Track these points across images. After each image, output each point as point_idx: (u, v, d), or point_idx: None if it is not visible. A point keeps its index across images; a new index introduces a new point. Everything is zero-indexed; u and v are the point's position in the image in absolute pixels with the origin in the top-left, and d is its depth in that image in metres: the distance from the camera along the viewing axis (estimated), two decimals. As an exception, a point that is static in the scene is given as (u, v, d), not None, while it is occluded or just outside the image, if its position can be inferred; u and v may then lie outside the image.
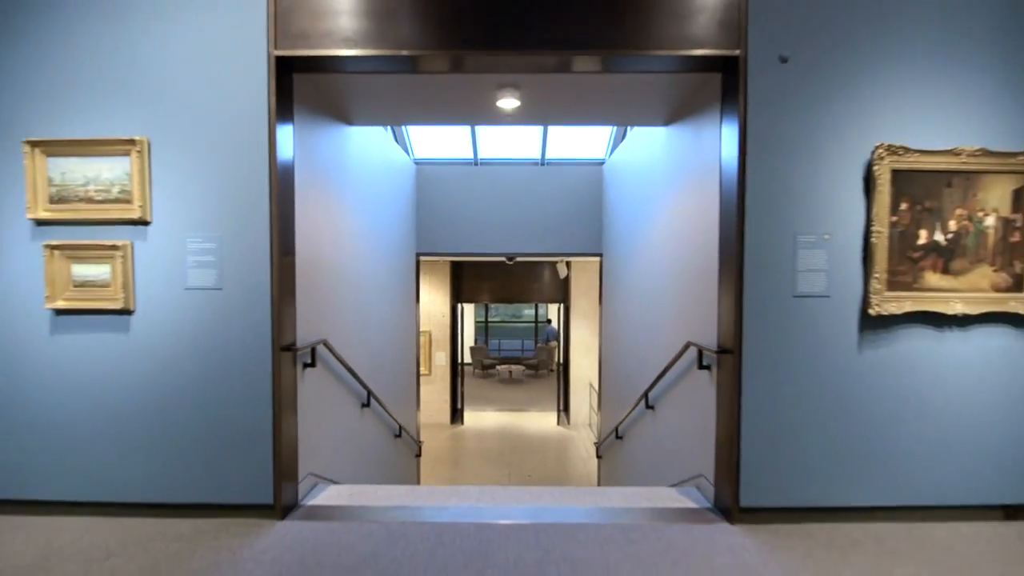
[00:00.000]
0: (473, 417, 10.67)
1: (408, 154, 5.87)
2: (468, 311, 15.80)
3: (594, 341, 8.62)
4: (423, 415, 7.35)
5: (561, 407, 10.61)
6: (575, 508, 2.63)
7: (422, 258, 6.30)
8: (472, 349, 15.13)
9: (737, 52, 2.33)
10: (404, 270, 5.62)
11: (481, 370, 14.85)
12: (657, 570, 2.04)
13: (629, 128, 5.03)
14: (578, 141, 6.04)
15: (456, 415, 10.44)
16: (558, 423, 10.34)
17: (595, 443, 6.42)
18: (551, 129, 5.74)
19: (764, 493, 2.40)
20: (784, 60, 2.32)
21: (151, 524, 2.39)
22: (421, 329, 7.65)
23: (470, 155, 6.14)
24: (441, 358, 10.09)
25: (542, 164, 6.27)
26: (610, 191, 5.74)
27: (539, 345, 16.12)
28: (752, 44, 2.33)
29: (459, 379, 10.72)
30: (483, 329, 19.87)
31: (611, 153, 5.79)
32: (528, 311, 22.76)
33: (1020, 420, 2.42)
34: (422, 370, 9.14)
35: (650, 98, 3.22)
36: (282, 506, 2.46)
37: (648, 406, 3.82)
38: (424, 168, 6.10)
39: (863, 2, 2.33)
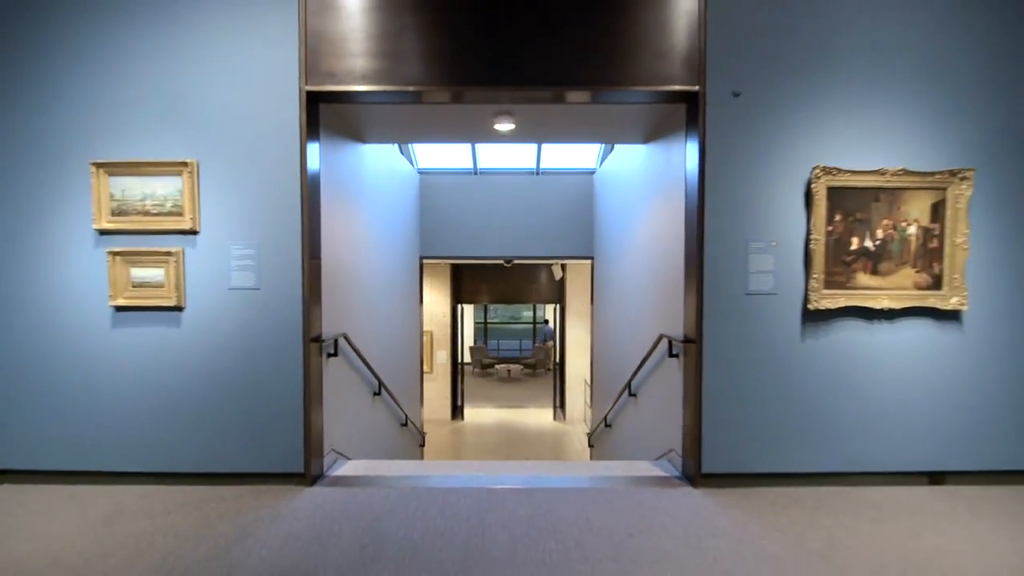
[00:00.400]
0: (473, 413, 11.08)
1: (412, 164, 6.29)
2: (467, 313, 16.20)
3: (588, 340, 9.03)
4: (425, 411, 7.76)
5: (557, 403, 11.02)
6: (563, 476, 3.04)
7: (425, 261, 6.71)
8: (472, 349, 15.54)
9: (697, 88, 2.76)
10: (409, 272, 6.03)
11: (480, 369, 15.25)
12: (628, 523, 2.46)
13: (617, 141, 5.45)
14: (570, 152, 6.47)
15: (456, 411, 10.84)
16: (554, 418, 10.75)
17: (587, 434, 6.83)
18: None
19: (722, 462, 2.82)
20: (736, 95, 2.74)
21: (200, 490, 2.80)
22: (423, 328, 8.05)
23: (470, 165, 6.56)
24: (442, 356, 10.50)
25: (537, 173, 6.69)
26: (600, 199, 6.17)
27: (537, 345, 16.53)
28: (709, 81, 2.75)
29: (459, 377, 11.12)
30: (482, 330, 20.27)
31: (601, 163, 6.21)
32: (527, 313, 23.15)
33: (941, 399, 2.83)
34: (424, 368, 9.54)
35: (630, 122, 3.64)
36: (311, 475, 2.87)
37: (631, 394, 4.24)
38: (427, 177, 6.52)
39: (804, 46, 2.76)
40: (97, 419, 2.85)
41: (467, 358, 14.10)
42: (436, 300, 10.58)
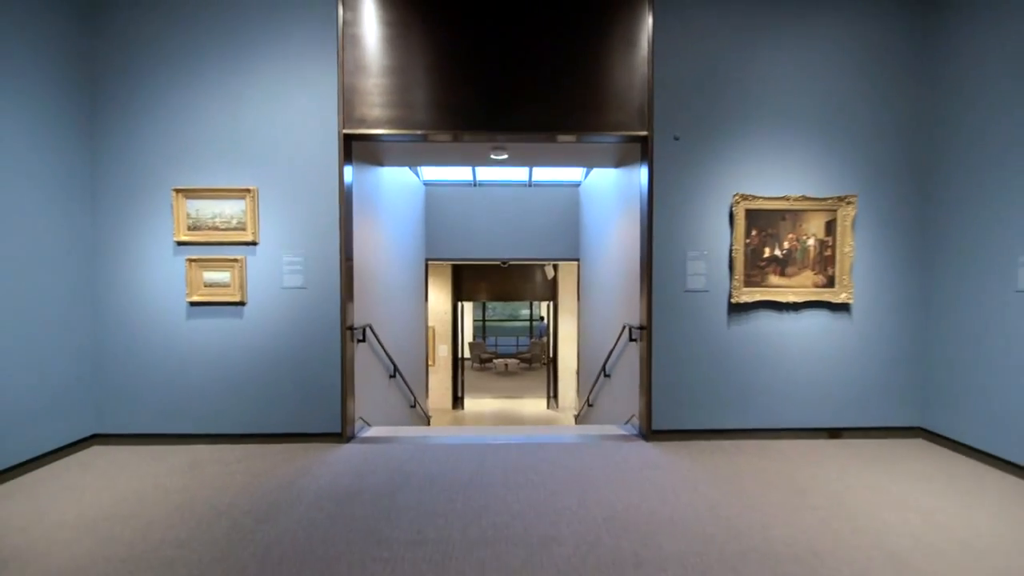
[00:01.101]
0: (472, 403, 11.88)
1: (418, 177, 7.07)
2: (467, 310, 16.99)
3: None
4: (428, 400, 8.55)
5: (551, 394, 11.84)
6: (547, 435, 3.84)
7: (429, 262, 7.50)
8: (471, 345, 16.33)
9: (646, 133, 3.56)
10: (416, 272, 6.82)
11: (479, 364, 16.05)
12: (592, 463, 3.26)
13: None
14: (559, 167, 7.26)
15: (457, 402, 11.64)
16: (547, 407, 11.57)
17: (574, 415, 7.64)
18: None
19: (667, 421, 3.63)
20: (676, 138, 3.55)
21: (260, 447, 3.59)
22: (428, 323, 8.84)
23: (470, 178, 7.35)
24: (444, 350, 11.29)
25: (530, 185, 7.49)
26: (584, 208, 6.97)
27: (532, 340, 17.33)
28: (656, 128, 3.55)
29: (460, 370, 11.92)
30: (481, 328, 21.07)
31: (585, 177, 7.01)
32: (524, 311, 23.96)
33: (836, 371, 3.65)
34: (427, 361, 10.33)
35: (602, 153, 4.45)
36: (347, 435, 3.66)
37: (606, 375, 5.05)
38: (431, 188, 7.31)
39: (727, 102, 3.56)
40: (174, 392, 3.63)
41: (467, 354, 14.88)
42: (438, 298, 11.37)
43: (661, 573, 2.05)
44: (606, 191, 5.42)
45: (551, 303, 12.25)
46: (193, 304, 3.63)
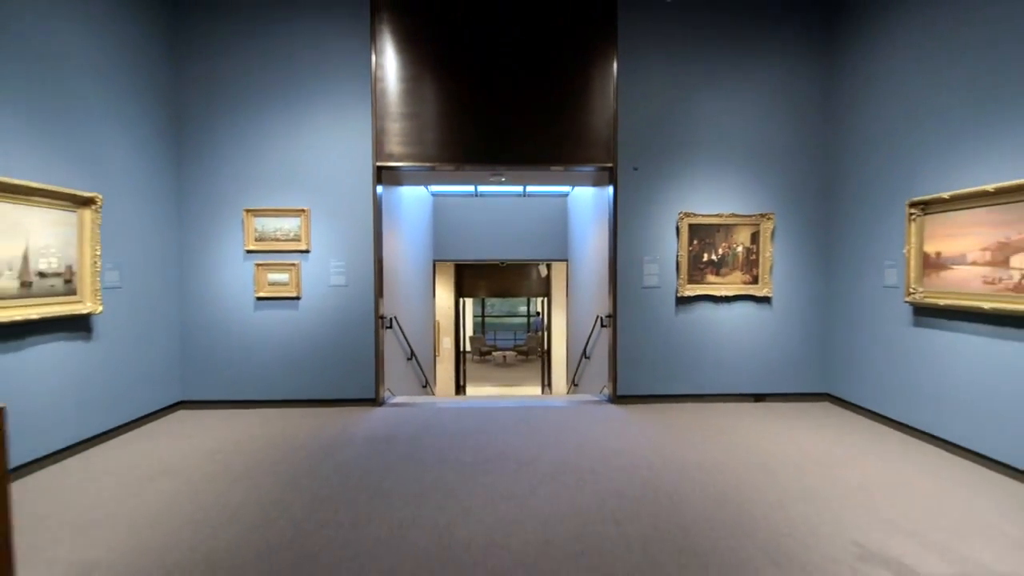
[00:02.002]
0: (473, 391, 12.93)
1: (427, 189, 8.09)
2: (468, 307, 17.99)
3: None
4: (435, 387, 9.57)
5: (545, 382, 12.89)
6: (535, 401, 4.88)
7: (436, 263, 8.52)
8: (471, 339, 17.35)
9: (611, 164, 4.59)
10: (425, 272, 7.85)
11: (479, 356, 17.09)
12: (570, 418, 4.29)
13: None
14: (548, 186, 8.27)
15: (459, 389, 12.68)
16: (541, 393, 12.62)
17: (564, 399, 8.70)
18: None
19: (629, 389, 4.67)
20: (635, 169, 4.58)
21: (312, 409, 4.61)
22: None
23: (472, 189, 8.36)
24: (447, 343, 12.32)
25: (524, 195, 8.51)
26: (571, 215, 8.00)
27: (529, 334, 18.37)
28: (619, 159, 4.58)
29: (462, 360, 12.96)
30: (481, 324, 22.08)
31: (572, 189, 8.04)
32: (522, 308, 24.96)
33: (760, 349, 4.68)
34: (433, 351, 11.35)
35: (584, 177, 5.46)
36: (378, 401, 4.69)
37: (586, 357, 6.09)
38: (438, 198, 8.33)
39: (675, 139, 4.59)
40: (244, 368, 4.65)
41: (468, 347, 15.92)
42: (442, 295, 12.38)
43: (609, 477, 3.09)
44: (586, 205, 6.45)
45: (545, 299, 13.29)
46: (259, 299, 4.65)
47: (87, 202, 3.38)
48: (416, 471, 3.18)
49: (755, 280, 4.65)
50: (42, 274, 3.06)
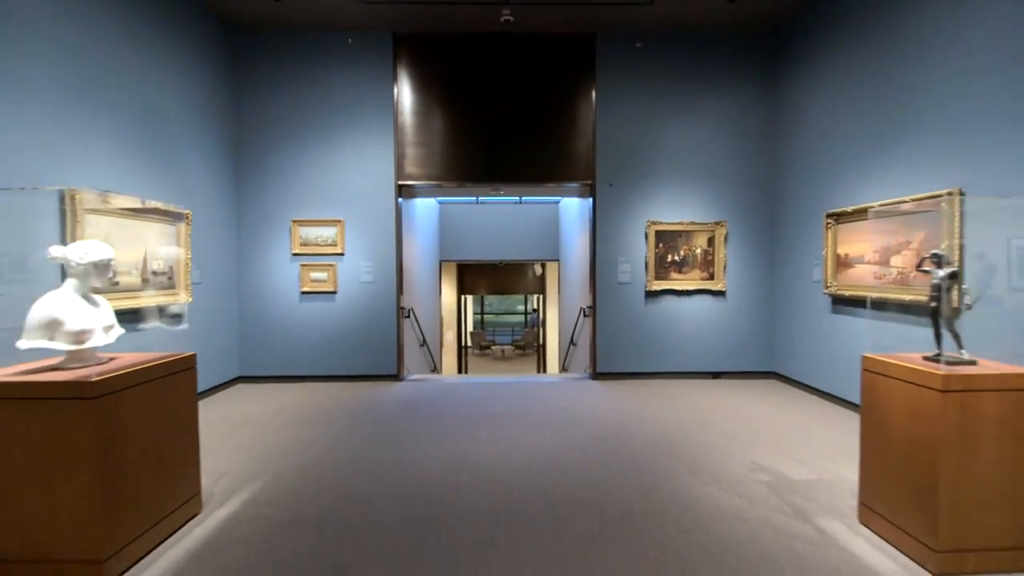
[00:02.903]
0: (474, 382, 13.91)
1: (435, 199, 9.07)
2: (469, 304, 18.97)
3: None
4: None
5: (540, 371, 13.87)
6: (530, 378, 5.87)
7: (442, 262, 9.51)
8: (472, 334, 18.33)
9: (591, 181, 5.58)
10: (433, 271, 8.84)
11: (479, 350, 18.07)
12: (556, 390, 5.28)
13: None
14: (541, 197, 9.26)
15: (461, 380, 13.66)
16: (539, 385, 13.61)
17: (558, 385, 9.70)
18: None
19: (606, 367, 5.66)
20: (610, 185, 5.57)
21: (346, 383, 5.60)
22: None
23: (473, 197, 9.35)
24: (450, 336, 13.31)
25: (520, 203, 9.51)
26: (562, 220, 8.99)
27: (526, 329, 19.36)
28: (597, 177, 5.57)
29: (463, 353, 13.95)
30: (480, 323, 23.07)
31: (563, 198, 9.02)
32: (520, 307, 25.95)
33: (716, 334, 5.67)
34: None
35: (570, 191, 6.43)
36: (400, 377, 5.68)
37: (573, 343, 7.08)
38: (444, 206, 9.32)
39: (644, 158, 5.58)
40: (290, 349, 5.63)
41: (468, 342, 16.89)
42: (446, 292, 13.36)
43: (581, 426, 4.09)
44: (573, 212, 7.43)
45: (540, 296, 14.28)
46: (303, 293, 5.64)
47: (182, 217, 4.36)
48: (435, 422, 4.17)
49: (711, 277, 5.64)
50: (155, 272, 4.04)
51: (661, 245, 5.59)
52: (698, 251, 5.62)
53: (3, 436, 1.96)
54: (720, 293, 5.67)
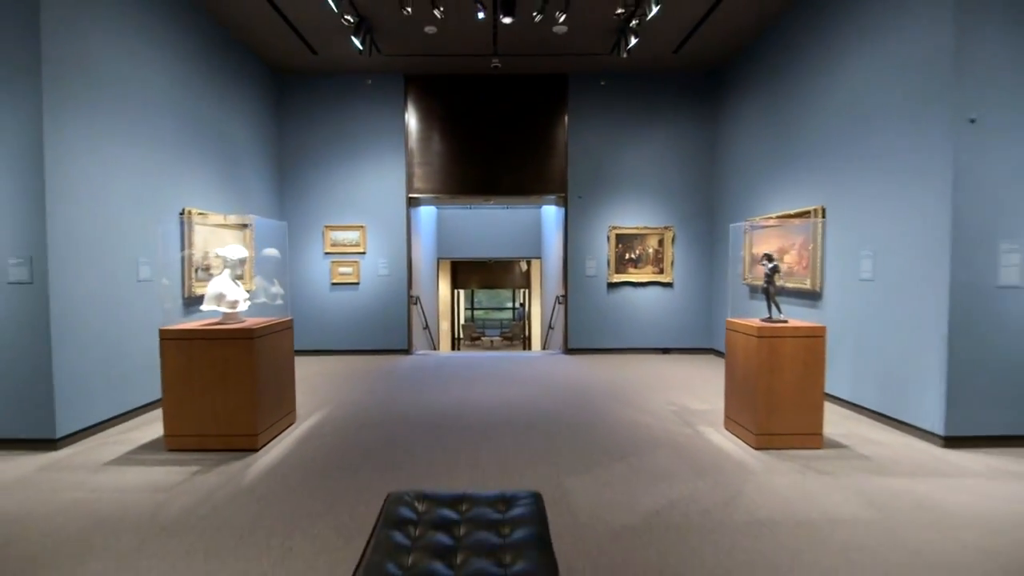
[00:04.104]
0: (467, 369, 15.27)
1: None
2: (461, 298, 20.27)
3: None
4: (438, 356, 11.90)
5: (528, 361, 15.28)
6: (516, 352, 7.23)
7: (440, 260, 10.82)
8: (463, 326, 19.67)
9: (564, 194, 6.97)
10: (433, 266, 10.16)
11: (470, 341, 19.42)
12: (536, 361, 6.66)
13: (553, 192, 9.63)
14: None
15: (455, 367, 15.01)
16: (526, 370, 15.01)
17: (542, 367, 11.09)
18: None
19: (576, 344, 7.05)
20: (580, 197, 6.95)
21: (367, 356, 6.93)
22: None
23: (468, 205, 10.68)
24: (444, 326, 14.63)
25: (507, 208, 10.87)
26: (543, 223, 10.37)
27: (513, 322, 20.74)
28: (569, 190, 6.96)
29: (456, 342, 15.28)
30: (471, 318, 24.39)
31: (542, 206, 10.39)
32: (508, 303, 27.32)
33: (665, 317, 7.09)
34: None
35: (549, 201, 7.81)
36: (410, 351, 7.03)
37: (551, 327, 8.48)
38: (442, 210, 10.65)
39: (608, 175, 6.96)
40: (323, 328, 6.94)
41: (460, 334, 18.22)
42: (441, 286, 14.67)
43: (551, 383, 5.47)
44: (551, 218, 8.80)
45: (526, 290, 15.67)
46: (333, 284, 6.95)
47: (246, 225, 5.66)
48: (440, 380, 5.53)
49: (661, 271, 7.06)
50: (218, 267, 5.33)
51: (620, 245, 6.99)
52: (650, 250, 7.03)
53: (201, 361, 3.29)
54: (668, 284, 7.09)
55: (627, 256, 7.02)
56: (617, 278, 7.01)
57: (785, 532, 2.37)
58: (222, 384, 3.33)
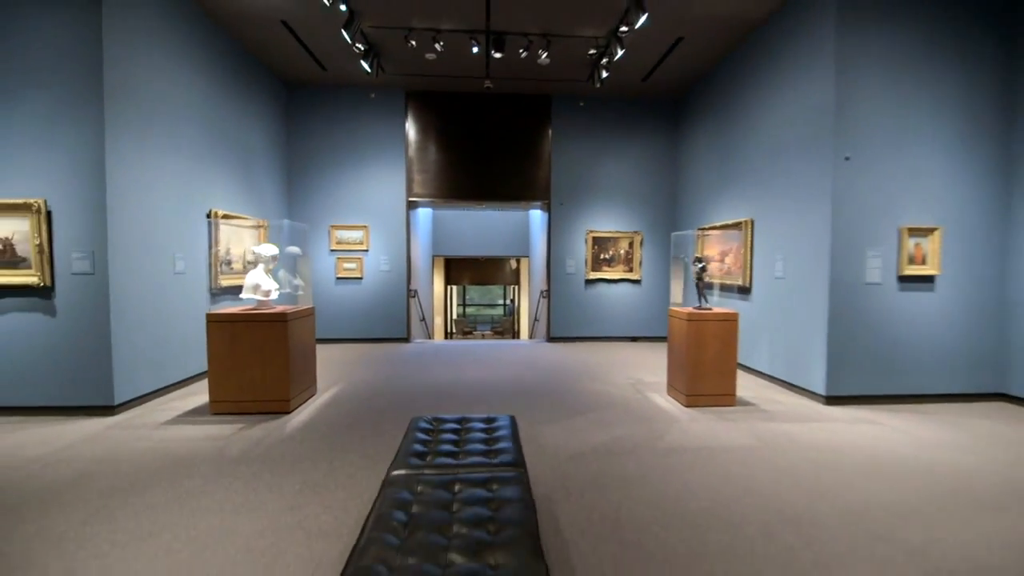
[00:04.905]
0: (458, 361, 16.12)
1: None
2: (453, 295, 21.09)
3: (533, 307, 14.10)
4: (431, 348, 12.73)
5: (516, 354, 16.17)
6: (505, 341, 8.10)
7: (435, 257, 11.66)
8: (455, 321, 20.50)
9: (548, 201, 7.85)
10: (429, 263, 11.00)
11: (462, 335, 20.27)
12: (522, 348, 7.54)
13: (538, 196, 10.50)
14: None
15: (447, 359, 15.85)
16: (513, 363, 15.90)
17: (527, 357, 11.97)
18: (502, 191, 11.16)
19: (557, 333, 7.94)
20: (561, 204, 7.84)
21: (370, 344, 7.76)
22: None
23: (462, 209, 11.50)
24: (439, 320, 15.45)
25: (498, 210, 11.72)
26: (530, 226, 11.24)
27: (503, 317, 21.63)
28: (552, 197, 7.84)
29: (449, 335, 16.11)
30: (463, 314, 25.21)
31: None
32: (499, 300, 28.19)
33: (635, 310, 8.00)
34: (426, 327, 14.44)
35: (535, 206, 8.68)
36: (409, 339, 7.87)
37: (536, 320, 9.37)
38: (437, 212, 11.48)
39: (586, 184, 7.86)
40: (329, 319, 7.76)
41: (453, 328, 19.04)
42: (436, 282, 15.48)
43: (535, 365, 6.36)
44: (537, 221, 9.68)
45: (516, 286, 16.54)
46: (338, 279, 7.77)
47: (261, 225, 6.46)
48: (438, 362, 6.38)
49: (631, 270, 7.97)
50: (249, 262, 6.13)
51: (596, 247, 7.89)
52: (622, 252, 7.94)
53: (242, 340, 4.12)
54: (637, 281, 8.01)
55: (602, 256, 7.92)
56: (593, 275, 7.91)
57: (689, 454, 3.27)
58: (260, 359, 4.15)
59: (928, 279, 4.61)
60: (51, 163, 3.95)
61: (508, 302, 22.99)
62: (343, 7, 4.99)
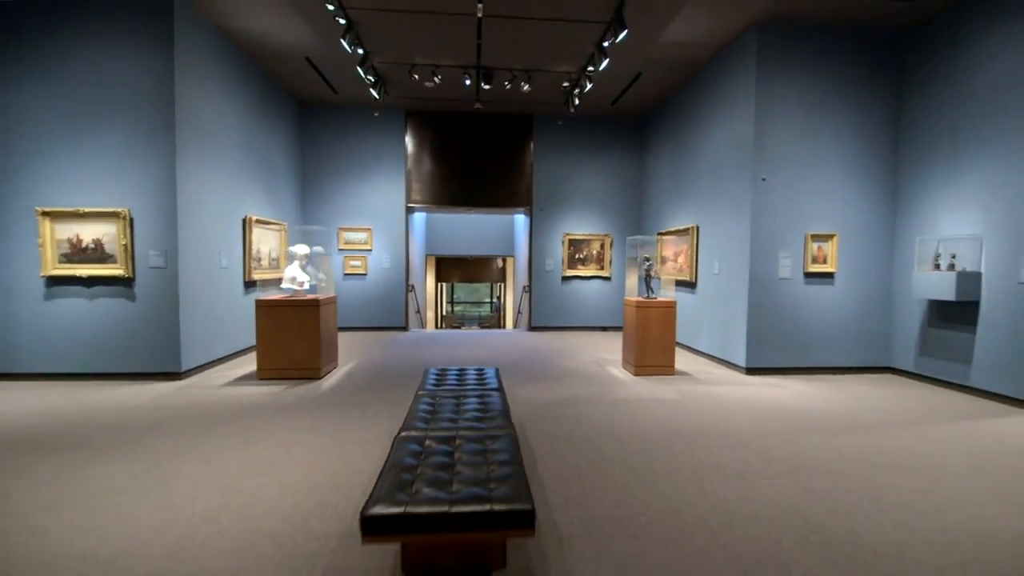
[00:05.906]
0: (448, 353, 17.19)
1: (422, 207, 12.28)
2: (443, 291, 22.13)
3: (519, 303, 15.22)
4: (424, 340, 13.78)
5: (503, 347, 17.29)
6: (493, 330, 9.21)
7: (427, 256, 12.72)
8: (444, 317, 21.55)
9: (530, 207, 8.98)
10: (422, 261, 12.06)
11: (451, 329, 21.36)
12: (507, 336, 8.66)
13: (523, 201, 11.62)
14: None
15: (438, 351, 16.91)
16: (500, 355, 17.02)
17: (513, 348, 13.09)
18: (490, 196, 12.26)
19: (537, 323, 9.08)
20: (541, 210, 8.97)
21: (374, 332, 8.82)
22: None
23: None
24: (430, 315, 16.49)
25: (486, 214, 12.82)
26: (515, 228, 12.37)
27: (490, 313, 22.72)
28: (533, 204, 8.97)
29: (440, 328, 17.17)
30: (451, 311, 26.27)
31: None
32: (486, 300, 29.29)
33: (605, 303, 9.16)
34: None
35: (519, 211, 9.79)
36: (406, 328, 8.94)
37: (519, 312, 10.49)
38: (430, 215, 12.55)
39: (566, 192, 9.00)
40: (344, 311, 8.79)
41: (443, 324, 20.09)
42: (427, 278, 16.52)
43: (517, 347, 7.49)
44: (521, 224, 10.80)
45: (502, 284, 17.66)
46: (346, 275, 8.81)
47: (281, 227, 7.49)
48: (433, 346, 7.47)
49: (603, 268, 9.13)
50: (271, 260, 7.17)
51: (572, 248, 9.04)
52: (594, 252, 9.10)
53: (284, 320, 5.17)
54: (607, 278, 9.17)
55: (577, 256, 9.07)
56: (569, 273, 9.06)
57: (631, 404, 4.42)
58: (298, 335, 5.21)
59: (828, 275, 5.82)
60: (134, 179, 4.98)
61: (494, 299, 24.09)
62: (360, 50, 6.05)
